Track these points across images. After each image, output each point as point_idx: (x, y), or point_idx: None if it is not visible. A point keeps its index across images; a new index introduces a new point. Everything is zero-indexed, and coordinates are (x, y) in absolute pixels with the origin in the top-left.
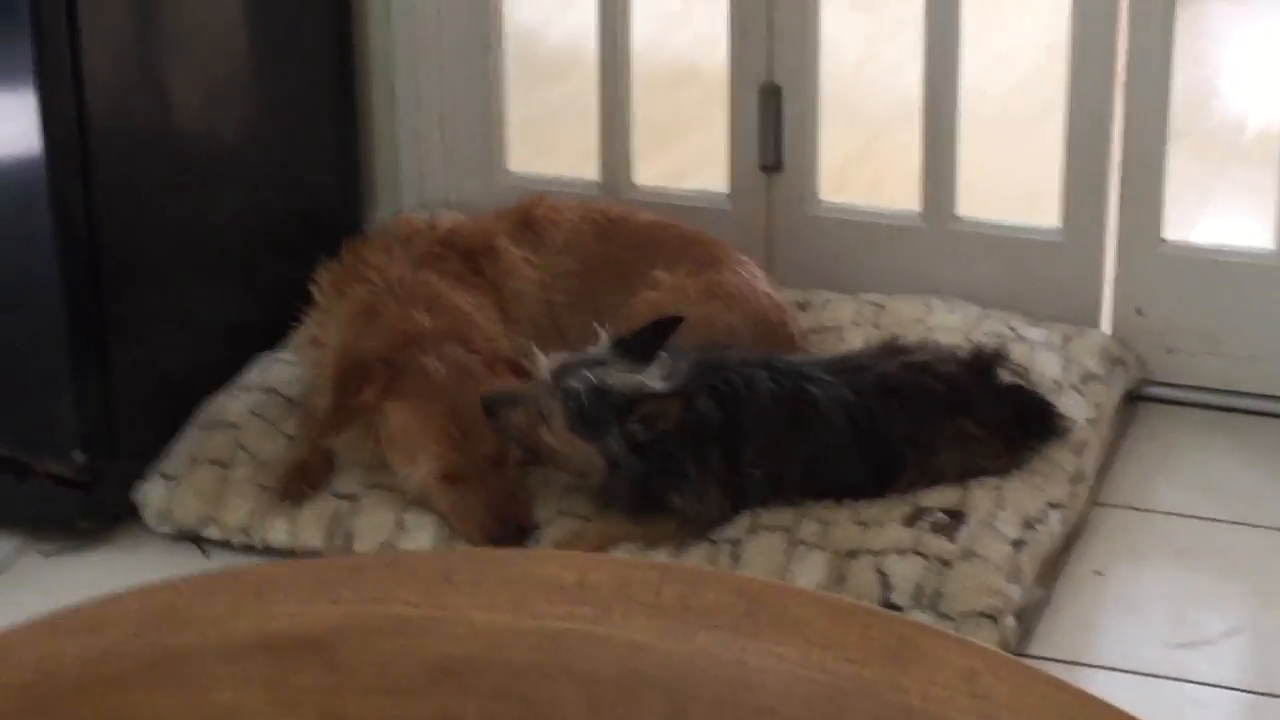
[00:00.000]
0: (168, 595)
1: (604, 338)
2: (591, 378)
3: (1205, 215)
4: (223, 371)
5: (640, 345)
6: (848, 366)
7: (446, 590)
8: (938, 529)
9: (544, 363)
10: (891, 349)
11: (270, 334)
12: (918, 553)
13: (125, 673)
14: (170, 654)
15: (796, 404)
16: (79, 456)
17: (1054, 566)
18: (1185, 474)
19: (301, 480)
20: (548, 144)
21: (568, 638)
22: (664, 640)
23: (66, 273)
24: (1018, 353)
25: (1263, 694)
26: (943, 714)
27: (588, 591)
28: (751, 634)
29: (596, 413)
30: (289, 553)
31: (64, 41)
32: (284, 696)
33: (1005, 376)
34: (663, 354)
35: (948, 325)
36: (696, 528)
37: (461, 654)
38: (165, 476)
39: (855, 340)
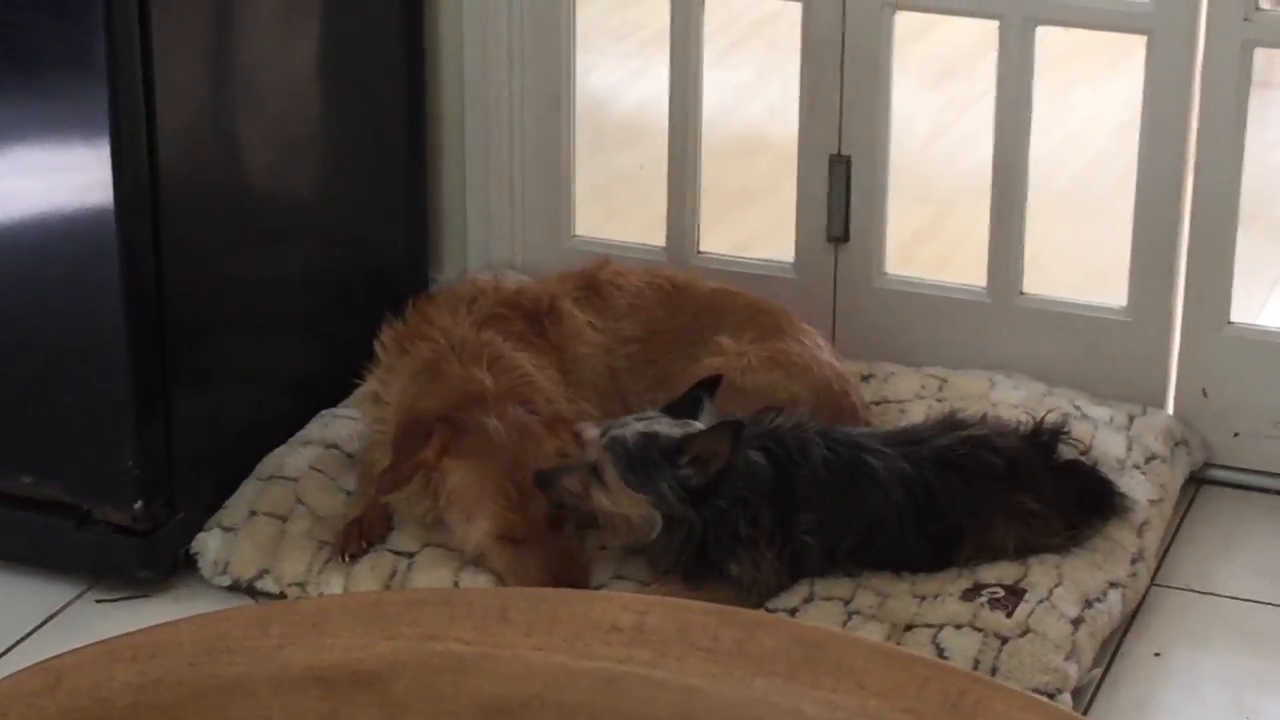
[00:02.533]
0: (222, 625)
1: (650, 411)
2: (639, 426)
3: (1273, 299)
4: (284, 425)
5: (685, 406)
6: (906, 439)
7: (502, 628)
8: (996, 604)
9: (593, 432)
10: (950, 423)
11: (333, 389)
12: (975, 627)
13: (177, 701)
14: (222, 684)
15: (852, 473)
16: (138, 505)
17: (1113, 646)
18: (1247, 557)
19: (359, 536)
20: (615, 210)
21: (623, 680)
22: (720, 686)
23: (133, 323)
24: (1081, 431)
25: None
26: None
27: (645, 634)
28: (809, 682)
29: (646, 458)
30: None
31: (138, 95)
32: None
33: (1065, 453)
34: (708, 410)
35: (1011, 401)
36: (753, 596)
37: (515, 693)
38: (223, 528)
39: (917, 413)
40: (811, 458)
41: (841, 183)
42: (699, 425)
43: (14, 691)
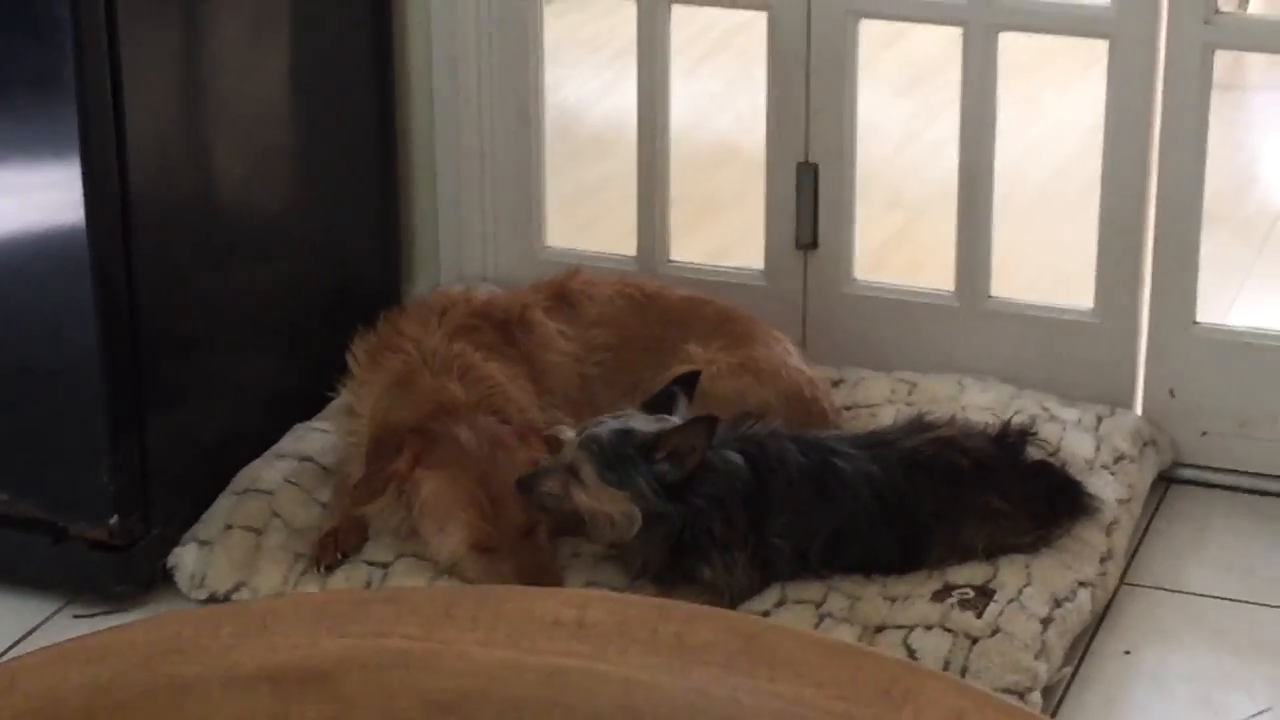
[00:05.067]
0: (173, 626)
1: (629, 409)
2: (614, 424)
3: (1240, 299)
4: (259, 440)
5: (661, 402)
6: (874, 441)
7: (447, 625)
8: (966, 605)
9: (570, 434)
10: (918, 425)
11: (307, 403)
12: (945, 628)
13: (129, 702)
14: (174, 684)
15: (822, 476)
16: (114, 520)
17: (1083, 645)
18: (1216, 556)
19: (334, 547)
20: (586, 222)
21: (566, 674)
22: (660, 677)
23: (106, 340)
24: (1050, 432)
25: None
26: None
27: (586, 629)
28: (745, 672)
29: (621, 455)
30: None
31: (108, 113)
32: None
33: (1033, 453)
34: (684, 406)
35: (980, 404)
36: (725, 599)
37: (461, 688)
38: (199, 542)
39: (887, 418)
40: (787, 463)
41: (809, 190)
42: (675, 420)
43: None
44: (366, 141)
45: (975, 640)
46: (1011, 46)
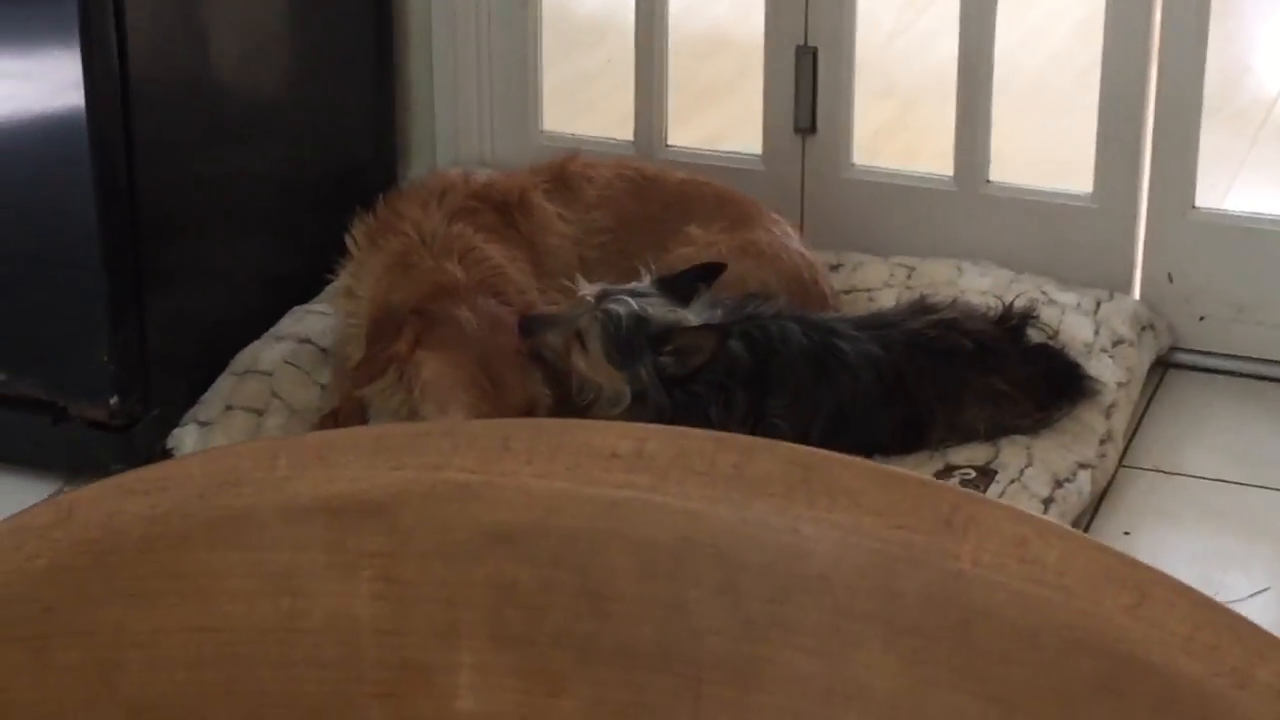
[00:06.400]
0: (230, 459)
1: (646, 277)
2: (634, 304)
3: (1237, 186)
4: (258, 322)
5: (681, 287)
6: (877, 323)
7: (504, 458)
8: (967, 485)
9: (587, 287)
10: (920, 307)
11: (305, 286)
12: None
13: (188, 532)
14: (231, 515)
15: (824, 358)
16: (114, 401)
17: (1083, 526)
18: (1213, 439)
19: (334, 428)
20: (584, 107)
21: (623, 505)
22: (718, 508)
23: (106, 222)
24: (1049, 316)
25: None
26: (993, 579)
27: (644, 460)
28: (805, 502)
29: (633, 339)
30: None
31: None
32: (342, 559)
33: (1034, 336)
34: (702, 297)
35: (979, 288)
36: None
37: (517, 520)
38: (199, 423)
39: (886, 301)
40: (790, 345)
41: (808, 74)
42: (689, 315)
43: (27, 525)
44: (364, 24)
45: None
46: None
